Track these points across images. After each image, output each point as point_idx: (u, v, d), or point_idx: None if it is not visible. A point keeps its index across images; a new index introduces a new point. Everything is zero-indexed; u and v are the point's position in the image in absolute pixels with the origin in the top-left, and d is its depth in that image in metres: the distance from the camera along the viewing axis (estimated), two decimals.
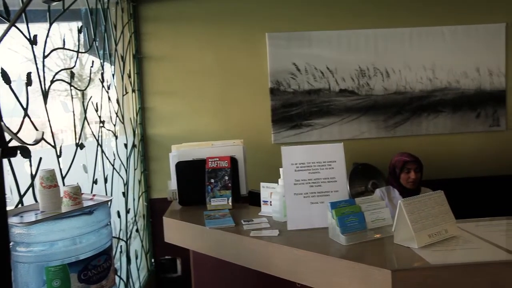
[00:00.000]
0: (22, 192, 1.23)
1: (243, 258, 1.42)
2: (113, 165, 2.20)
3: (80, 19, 1.99)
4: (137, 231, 2.67)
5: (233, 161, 1.86)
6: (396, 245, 1.20)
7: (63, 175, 1.52)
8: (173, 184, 1.89)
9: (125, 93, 2.66)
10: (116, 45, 2.51)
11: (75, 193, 1.15)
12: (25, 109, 1.25)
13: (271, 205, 1.58)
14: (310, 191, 1.43)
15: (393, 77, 3.08)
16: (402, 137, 3.10)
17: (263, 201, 1.66)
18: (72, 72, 1.71)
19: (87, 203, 1.18)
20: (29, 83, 1.27)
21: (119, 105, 2.49)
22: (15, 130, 1.16)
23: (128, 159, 2.54)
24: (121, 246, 2.25)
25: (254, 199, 1.84)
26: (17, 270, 1.04)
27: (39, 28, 1.44)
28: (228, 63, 3.00)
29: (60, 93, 1.71)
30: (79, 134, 1.72)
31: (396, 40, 3.06)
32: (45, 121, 1.43)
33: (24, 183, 1.25)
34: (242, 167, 1.89)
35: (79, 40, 1.82)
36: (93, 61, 2.00)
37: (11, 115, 1.23)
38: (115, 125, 2.35)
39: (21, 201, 1.23)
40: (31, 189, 1.27)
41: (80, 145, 1.69)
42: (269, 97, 3.01)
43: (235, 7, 2.99)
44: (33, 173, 1.28)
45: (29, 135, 1.16)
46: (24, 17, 1.29)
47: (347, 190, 1.49)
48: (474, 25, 3.08)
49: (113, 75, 2.46)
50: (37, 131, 1.25)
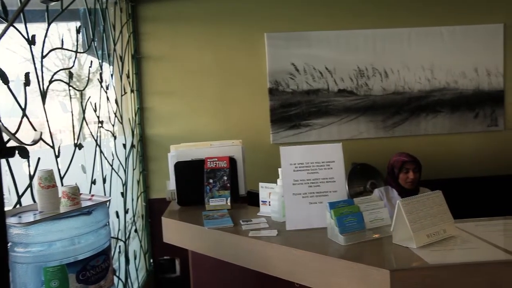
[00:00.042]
0: (20, 192, 1.23)
1: (242, 258, 1.42)
2: (111, 165, 2.20)
3: (78, 19, 1.99)
4: (135, 231, 2.66)
5: (232, 161, 1.86)
6: (394, 245, 1.20)
7: (62, 176, 1.52)
8: (171, 184, 1.89)
9: (123, 93, 2.66)
10: (114, 45, 2.51)
11: (74, 194, 1.15)
12: (24, 109, 1.25)
13: (269, 205, 1.58)
14: (308, 191, 1.43)
15: (391, 77, 3.08)
16: (400, 137, 3.11)
17: (261, 201, 1.66)
18: (70, 72, 1.70)
19: (85, 204, 1.18)
20: (27, 83, 1.27)
21: (117, 105, 2.48)
22: (13, 130, 1.16)
23: (126, 159, 2.53)
24: (119, 246, 2.25)
25: (252, 199, 1.84)
26: (15, 270, 1.04)
27: (38, 28, 1.43)
28: (226, 63, 3.00)
29: (58, 93, 1.71)
30: (77, 134, 1.72)
31: (394, 40, 3.06)
32: (44, 121, 1.43)
33: (22, 184, 1.25)
34: (241, 167, 1.89)
35: (78, 40, 1.82)
36: (92, 61, 2.00)
37: (10, 115, 1.23)
38: (113, 125, 2.35)
39: (19, 202, 1.23)
40: (29, 189, 1.27)
41: (78, 145, 1.69)
42: (268, 97, 3.01)
43: (233, 7, 2.99)
44: (32, 174, 1.28)
45: (27, 135, 1.16)
46: (22, 17, 1.29)
47: (346, 190, 1.50)
48: (472, 26, 3.08)
49: (112, 75, 2.46)
50: (36, 131, 1.25)
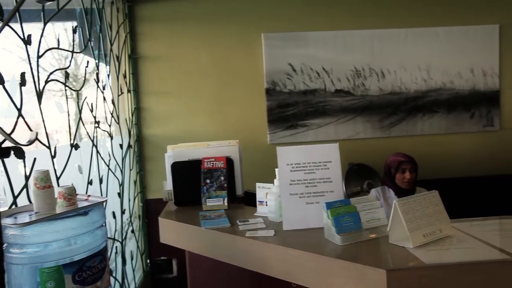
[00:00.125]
0: (16, 193, 1.23)
1: (239, 258, 1.42)
2: (108, 166, 2.19)
3: (75, 19, 1.98)
4: (132, 231, 2.66)
5: (229, 161, 1.85)
6: (391, 245, 1.20)
7: (58, 176, 1.52)
8: (168, 184, 1.89)
9: (120, 93, 2.65)
10: (111, 45, 2.50)
11: (70, 194, 1.14)
12: (19, 110, 1.24)
13: (266, 205, 1.58)
14: (305, 191, 1.43)
15: (388, 78, 3.09)
16: (397, 137, 3.12)
17: (258, 202, 1.66)
18: (66, 72, 1.70)
19: (81, 204, 1.18)
20: (23, 83, 1.27)
21: (114, 106, 2.47)
22: (9, 130, 1.15)
23: (123, 159, 2.53)
24: (116, 247, 2.24)
25: (249, 200, 1.84)
26: (11, 271, 1.03)
27: (33, 27, 1.43)
28: (223, 63, 3.00)
29: (54, 93, 1.70)
30: (74, 134, 1.71)
31: (391, 40, 3.07)
32: (40, 122, 1.42)
33: (18, 184, 1.24)
34: (237, 167, 1.89)
35: (74, 40, 1.82)
36: (88, 61, 1.99)
37: (5, 115, 1.22)
38: (110, 126, 2.34)
39: (15, 202, 1.22)
40: (25, 190, 1.26)
41: (75, 146, 1.68)
42: (265, 98, 3.01)
43: (230, 7, 2.99)
44: (27, 174, 1.27)
45: (23, 136, 1.15)
46: (18, 16, 1.29)
47: (343, 190, 1.50)
48: (468, 26, 3.10)
49: (108, 75, 2.45)
50: (31, 131, 1.24)
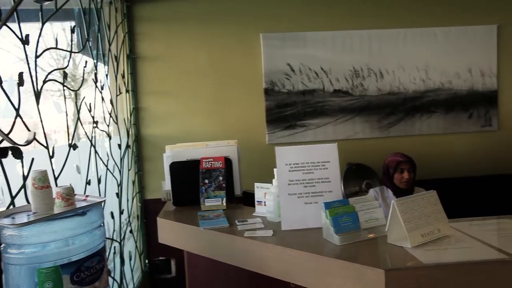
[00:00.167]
0: (13, 193, 1.22)
1: (237, 258, 1.42)
2: (106, 166, 2.19)
3: (73, 18, 1.98)
4: (131, 232, 2.65)
5: (227, 161, 1.85)
6: (389, 245, 1.21)
7: (56, 176, 1.51)
8: (167, 184, 1.89)
9: (118, 93, 2.65)
10: (109, 45, 2.50)
11: (68, 194, 1.14)
12: (17, 110, 1.24)
13: (265, 205, 1.58)
14: (304, 191, 1.43)
15: (386, 78, 3.09)
16: (395, 138, 3.12)
17: (257, 202, 1.66)
18: (65, 72, 1.69)
19: (80, 204, 1.18)
20: (21, 83, 1.26)
21: (112, 106, 2.47)
22: (7, 130, 1.15)
23: (122, 159, 2.52)
24: (114, 247, 2.24)
25: (248, 200, 1.84)
26: (9, 272, 1.03)
27: (31, 27, 1.42)
28: (222, 63, 3.00)
29: (53, 93, 1.70)
30: (72, 134, 1.71)
31: (390, 41, 3.07)
32: (38, 122, 1.42)
33: (16, 184, 1.24)
34: (236, 167, 1.89)
35: (72, 40, 1.81)
36: (87, 61, 1.99)
37: (3, 115, 1.22)
38: (108, 126, 2.34)
39: (12, 202, 1.22)
40: (23, 190, 1.26)
41: (73, 146, 1.68)
42: (264, 98, 3.01)
43: (229, 7, 2.99)
44: (25, 174, 1.27)
45: (21, 136, 1.15)
46: (15, 16, 1.28)
47: (341, 190, 1.50)
48: (466, 27, 3.11)
49: (107, 75, 2.45)
50: (29, 131, 1.24)
